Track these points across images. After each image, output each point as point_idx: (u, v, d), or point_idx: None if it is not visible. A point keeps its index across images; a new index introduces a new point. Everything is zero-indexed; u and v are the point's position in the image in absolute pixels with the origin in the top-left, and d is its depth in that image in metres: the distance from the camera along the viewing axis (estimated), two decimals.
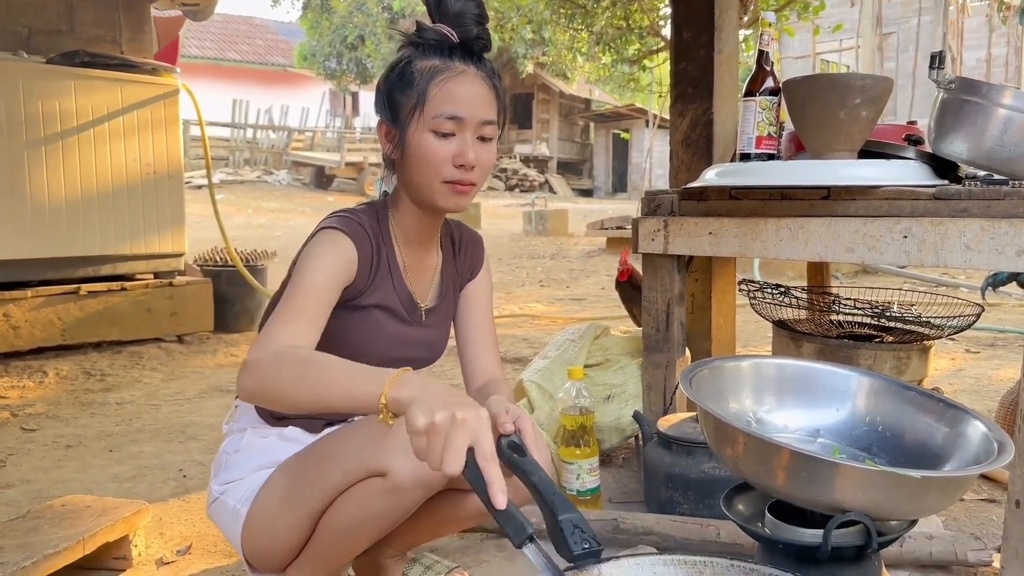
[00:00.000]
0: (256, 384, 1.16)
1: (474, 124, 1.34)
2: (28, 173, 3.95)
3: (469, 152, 1.33)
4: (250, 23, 27.75)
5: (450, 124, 1.32)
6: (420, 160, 1.34)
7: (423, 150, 1.33)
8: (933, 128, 1.82)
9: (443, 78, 1.32)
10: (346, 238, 1.34)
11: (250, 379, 1.16)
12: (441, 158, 1.33)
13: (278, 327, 1.22)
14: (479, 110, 1.34)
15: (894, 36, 14.37)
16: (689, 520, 1.89)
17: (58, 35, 4.69)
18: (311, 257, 1.32)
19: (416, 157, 1.34)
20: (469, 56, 1.36)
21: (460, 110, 1.32)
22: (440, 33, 1.34)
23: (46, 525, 1.76)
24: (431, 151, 1.33)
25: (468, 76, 1.34)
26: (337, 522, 1.35)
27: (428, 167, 1.34)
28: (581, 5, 8.88)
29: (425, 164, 1.34)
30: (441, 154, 1.33)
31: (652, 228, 2.20)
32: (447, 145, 1.33)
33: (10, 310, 3.93)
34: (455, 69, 1.34)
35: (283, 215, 14.79)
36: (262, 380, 1.15)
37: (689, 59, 2.65)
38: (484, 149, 1.36)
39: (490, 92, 1.37)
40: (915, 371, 2.22)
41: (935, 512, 1.78)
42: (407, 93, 1.34)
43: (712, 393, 1.39)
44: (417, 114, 1.33)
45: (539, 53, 19.04)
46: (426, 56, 1.35)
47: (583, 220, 12.03)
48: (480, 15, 1.36)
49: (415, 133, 1.34)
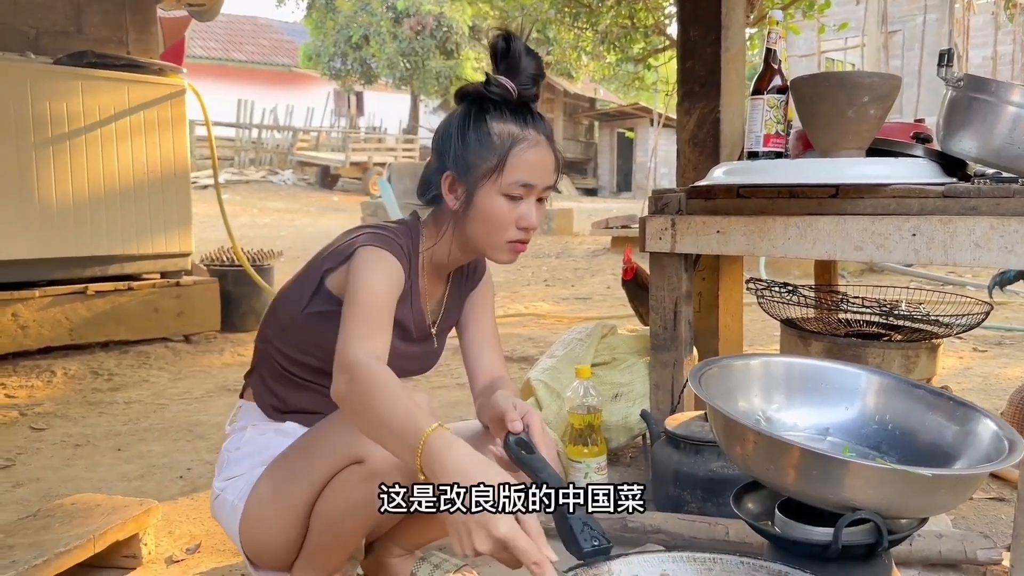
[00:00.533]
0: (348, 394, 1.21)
1: (541, 189, 1.42)
2: (36, 173, 3.96)
3: (533, 215, 1.41)
4: (255, 23, 27.78)
5: (523, 191, 1.39)
6: (489, 220, 1.40)
7: (493, 212, 1.39)
8: (942, 126, 1.81)
9: (522, 147, 1.38)
10: (393, 258, 1.39)
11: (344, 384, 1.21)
12: (509, 220, 1.40)
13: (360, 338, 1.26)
14: (548, 178, 1.42)
15: (899, 34, 14.32)
16: (698, 519, 1.89)
17: (65, 36, 4.70)
18: (371, 271, 1.35)
19: (485, 216, 1.40)
20: (536, 119, 1.41)
21: (534, 179, 1.39)
22: (504, 88, 1.39)
23: (57, 523, 1.76)
24: (501, 213, 1.40)
25: (542, 147, 1.41)
26: (326, 512, 1.39)
27: (496, 228, 1.41)
28: (586, 4, 8.87)
29: (494, 224, 1.40)
30: (510, 217, 1.40)
31: (659, 227, 2.20)
32: (516, 209, 1.40)
33: (18, 310, 3.94)
34: (532, 139, 1.39)
35: (288, 215, 14.82)
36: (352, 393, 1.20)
37: (696, 57, 2.65)
38: (540, 209, 1.44)
39: (554, 158, 1.44)
40: (923, 369, 2.21)
41: (946, 510, 1.78)
42: (483, 156, 1.38)
43: (721, 392, 1.39)
44: (494, 178, 1.38)
45: (543, 52, 19.02)
46: (502, 119, 1.39)
47: (588, 219, 12.01)
48: (538, 74, 1.43)
49: (487, 195, 1.39)
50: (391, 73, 21.08)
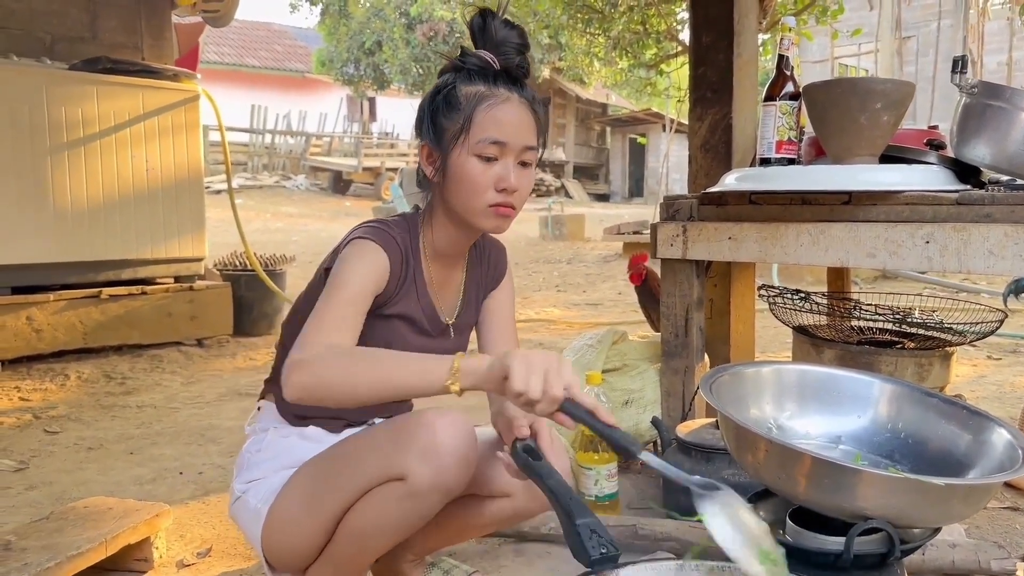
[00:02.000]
0: (309, 378, 1.19)
1: (517, 149, 1.37)
2: (51, 178, 4.00)
3: (511, 177, 1.36)
4: (269, 29, 27.94)
5: (494, 149, 1.35)
6: (464, 183, 1.37)
7: (467, 174, 1.36)
8: (955, 132, 1.80)
9: (488, 104, 1.36)
10: (378, 247, 1.37)
11: (300, 375, 1.19)
12: (485, 182, 1.36)
13: (316, 331, 1.26)
14: (522, 136, 1.37)
15: (913, 40, 14.26)
16: None
17: (81, 42, 4.74)
18: (346, 265, 1.34)
19: (460, 180, 1.37)
20: (512, 82, 1.39)
21: (504, 135, 1.35)
22: (483, 59, 1.37)
23: (69, 526, 1.77)
24: (475, 175, 1.36)
25: (512, 102, 1.37)
26: (357, 526, 1.36)
27: (472, 190, 1.37)
28: (598, 10, 8.87)
29: (469, 187, 1.37)
30: (485, 178, 1.36)
31: (671, 233, 2.19)
32: (490, 169, 1.36)
33: (33, 313, 3.97)
34: (500, 95, 1.37)
35: (301, 220, 14.87)
36: (314, 374, 1.19)
37: (708, 64, 2.65)
38: (524, 174, 1.40)
39: (532, 118, 1.40)
40: (937, 377, 2.20)
41: (959, 520, 1.77)
42: (452, 117, 1.37)
43: (733, 399, 1.38)
44: (462, 138, 1.36)
45: (556, 58, 19.04)
46: (471, 82, 1.37)
47: (599, 225, 12.00)
48: (522, 44, 1.41)
49: (459, 157, 1.37)
50: (404, 79, 21.14)
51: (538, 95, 1.45)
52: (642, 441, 2.39)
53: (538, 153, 1.42)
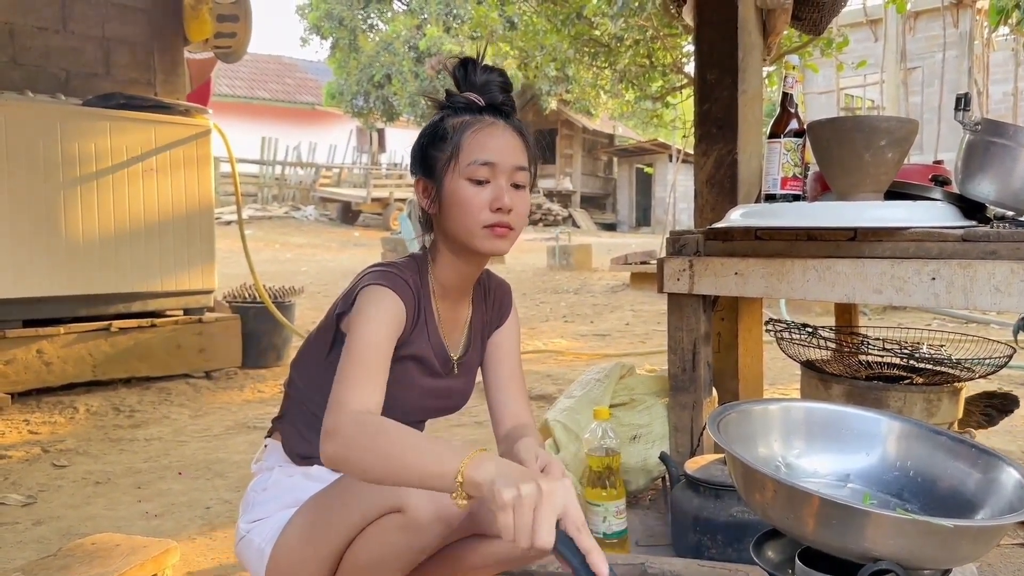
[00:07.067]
0: (338, 452, 1.18)
1: (507, 170, 1.38)
2: (64, 211, 4.05)
3: (505, 196, 1.37)
4: (280, 62, 28.31)
5: (484, 171, 1.36)
6: (458, 207, 1.37)
7: (461, 197, 1.37)
8: (960, 169, 1.82)
9: (475, 129, 1.38)
10: (393, 294, 1.37)
11: (334, 447, 1.18)
12: (478, 204, 1.36)
13: (348, 390, 1.25)
14: (511, 156, 1.39)
15: (919, 71, 14.35)
16: (718, 565, 1.86)
17: (95, 78, 4.82)
18: (363, 317, 1.34)
19: (454, 206, 1.38)
20: (498, 114, 1.42)
21: (493, 156, 1.37)
22: (468, 99, 1.40)
23: (77, 563, 1.77)
24: (468, 197, 1.37)
25: (498, 127, 1.40)
26: (358, 560, 1.36)
27: (467, 212, 1.37)
28: (604, 44, 8.98)
29: (464, 210, 1.37)
30: (478, 200, 1.36)
31: (678, 268, 2.20)
32: (483, 192, 1.37)
33: (43, 346, 4.00)
34: (486, 121, 1.40)
35: (310, 250, 14.94)
36: (347, 448, 1.17)
37: (713, 100, 2.67)
38: (518, 195, 1.40)
39: (520, 141, 1.42)
40: (946, 413, 2.19)
41: (968, 562, 1.74)
42: (441, 147, 1.39)
43: (740, 437, 1.38)
44: (452, 164, 1.37)
45: (563, 90, 19.21)
46: (458, 115, 1.41)
47: (607, 254, 12.02)
48: (504, 84, 1.43)
49: (452, 182, 1.38)
50: (413, 111, 21.35)
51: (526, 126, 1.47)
52: (650, 477, 2.38)
53: (530, 175, 1.43)
